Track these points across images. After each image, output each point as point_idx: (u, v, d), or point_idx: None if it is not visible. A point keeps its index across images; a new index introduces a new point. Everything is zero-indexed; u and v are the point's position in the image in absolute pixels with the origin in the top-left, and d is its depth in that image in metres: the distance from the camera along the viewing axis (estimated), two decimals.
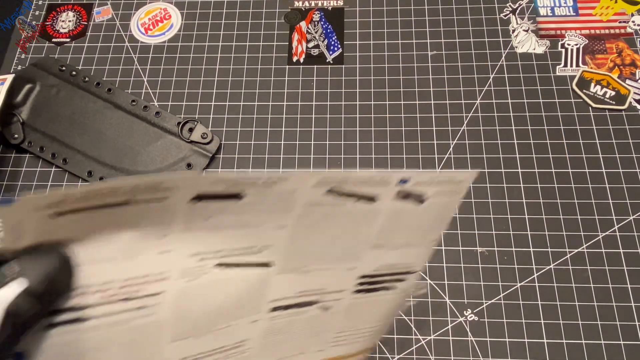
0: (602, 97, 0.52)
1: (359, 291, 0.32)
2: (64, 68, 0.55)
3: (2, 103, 0.51)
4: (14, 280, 0.20)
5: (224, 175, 0.24)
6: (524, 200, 0.48)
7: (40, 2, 0.61)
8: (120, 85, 0.56)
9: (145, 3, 0.61)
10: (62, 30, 0.60)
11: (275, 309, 0.30)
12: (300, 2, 0.60)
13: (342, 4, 0.59)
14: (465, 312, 0.44)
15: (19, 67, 0.57)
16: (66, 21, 0.60)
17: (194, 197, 0.23)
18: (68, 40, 0.59)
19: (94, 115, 0.53)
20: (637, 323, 0.42)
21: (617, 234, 0.46)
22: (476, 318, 0.44)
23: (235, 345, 0.30)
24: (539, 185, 0.48)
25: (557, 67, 0.54)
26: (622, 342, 0.42)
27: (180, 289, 0.25)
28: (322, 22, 0.59)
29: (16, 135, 0.52)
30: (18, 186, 0.51)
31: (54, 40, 0.59)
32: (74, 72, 0.55)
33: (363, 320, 0.34)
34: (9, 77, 0.53)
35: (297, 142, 0.52)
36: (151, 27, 0.59)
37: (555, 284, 0.44)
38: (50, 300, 0.21)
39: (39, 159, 0.53)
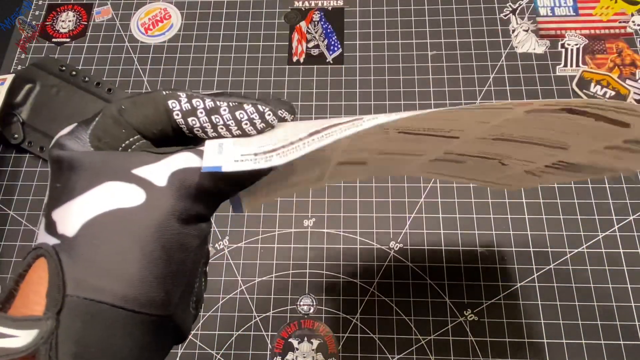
0: (602, 97, 0.52)
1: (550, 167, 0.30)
2: (64, 68, 0.55)
3: (2, 103, 0.51)
4: None
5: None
6: (524, 200, 0.48)
7: (40, 2, 0.61)
8: (120, 85, 0.56)
9: (145, 3, 0.61)
10: (62, 30, 0.59)
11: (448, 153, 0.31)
12: (300, 2, 0.60)
13: (342, 4, 0.59)
14: (465, 312, 0.44)
15: (19, 67, 0.57)
16: (66, 21, 0.60)
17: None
18: (68, 40, 0.59)
19: None
20: (637, 323, 0.42)
21: (617, 234, 0.46)
22: (476, 318, 0.44)
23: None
24: (538, 184, 0.48)
25: (557, 67, 0.54)
26: (622, 342, 0.42)
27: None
28: (322, 22, 0.59)
29: (16, 135, 0.52)
30: (18, 186, 0.51)
31: (54, 40, 0.59)
32: (74, 72, 0.55)
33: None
34: (9, 77, 0.53)
35: None
36: (151, 27, 0.59)
37: (555, 284, 0.44)
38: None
39: (39, 159, 0.53)
